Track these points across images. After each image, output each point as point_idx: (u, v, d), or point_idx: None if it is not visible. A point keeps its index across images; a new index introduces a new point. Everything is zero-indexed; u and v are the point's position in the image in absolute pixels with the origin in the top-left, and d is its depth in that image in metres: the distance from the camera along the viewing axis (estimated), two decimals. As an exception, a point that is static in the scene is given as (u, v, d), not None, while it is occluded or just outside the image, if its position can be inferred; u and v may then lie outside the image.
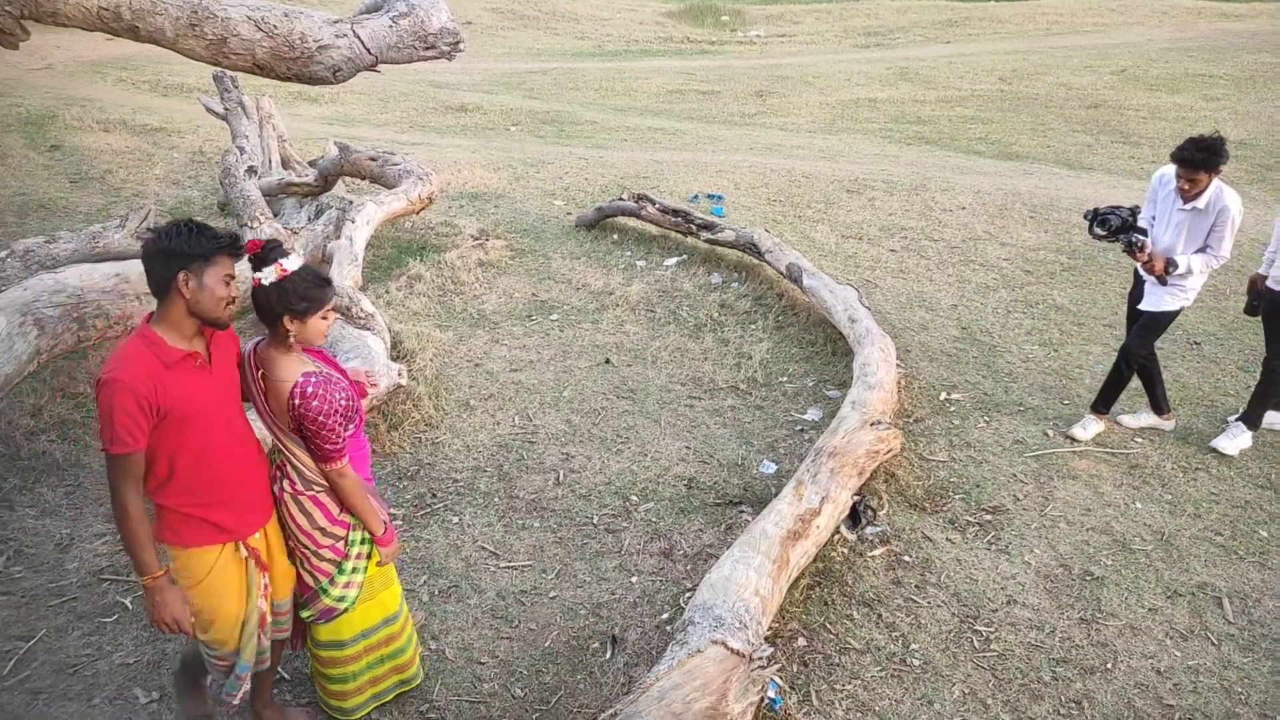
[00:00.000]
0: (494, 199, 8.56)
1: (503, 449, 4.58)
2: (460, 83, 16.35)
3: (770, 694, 2.97)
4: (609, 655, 3.29)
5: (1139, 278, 4.53)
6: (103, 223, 5.67)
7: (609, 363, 5.51)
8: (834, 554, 3.75)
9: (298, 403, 2.37)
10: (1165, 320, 4.43)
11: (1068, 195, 8.54)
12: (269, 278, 2.36)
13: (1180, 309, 4.40)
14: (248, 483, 2.49)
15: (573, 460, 4.49)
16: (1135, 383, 4.73)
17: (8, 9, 3.72)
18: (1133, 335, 4.55)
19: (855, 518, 3.91)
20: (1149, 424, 4.73)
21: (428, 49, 4.65)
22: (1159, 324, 4.45)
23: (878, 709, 3.06)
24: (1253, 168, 9.95)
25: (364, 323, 4.74)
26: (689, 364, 5.50)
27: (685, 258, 7.02)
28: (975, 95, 14.29)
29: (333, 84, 4.60)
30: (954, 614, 3.49)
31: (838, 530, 3.82)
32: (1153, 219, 4.42)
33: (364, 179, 7.48)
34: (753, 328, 5.93)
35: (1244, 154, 10.37)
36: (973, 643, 3.35)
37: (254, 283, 2.39)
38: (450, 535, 3.94)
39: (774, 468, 4.42)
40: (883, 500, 4.10)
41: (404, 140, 10.98)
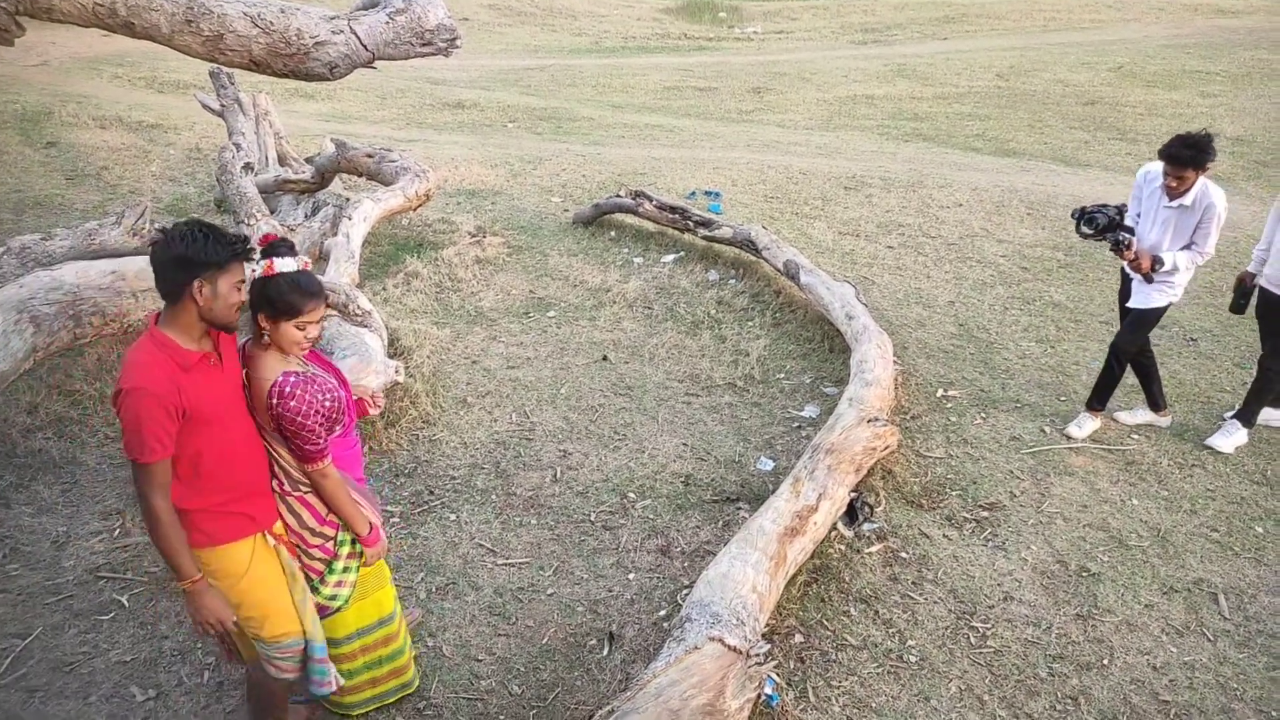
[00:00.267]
0: (491, 196, 8.54)
1: (500, 446, 4.58)
2: (457, 79, 16.31)
3: (767, 690, 2.98)
4: (606, 652, 3.30)
5: (1126, 276, 4.55)
6: (99, 220, 5.64)
7: (606, 360, 5.51)
8: (831, 551, 3.76)
9: (275, 402, 2.37)
10: (1154, 317, 4.45)
11: (1065, 192, 8.54)
12: (257, 271, 2.37)
13: (1168, 305, 4.41)
14: (264, 474, 2.51)
15: (570, 457, 4.50)
16: (1131, 379, 4.74)
17: (3, 5, 3.71)
18: (1121, 332, 4.56)
19: (852, 514, 3.92)
20: (1145, 421, 4.74)
21: (424, 45, 4.64)
22: (1147, 321, 4.46)
23: (874, 705, 3.06)
24: (1249, 164, 9.96)
25: (361, 320, 4.74)
26: (686, 361, 5.50)
27: (682, 255, 7.02)
28: (972, 92, 14.28)
29: (329, 80, 4.60)
30: (951, 610, 3.49)
31: (835, 527, 3.83)
32: (1137, 216, 4.43)
33: (361, 176, 7.47)
34: (750, 325, 5.93)
35: (1241, 150, 10.38)
36: (969, 639, 3.36)
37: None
38: (447, 532, 3.94)
39: (771, 464, 4.43)
40: (880, 497, 4.11)
41: (401, 137, 10.95)
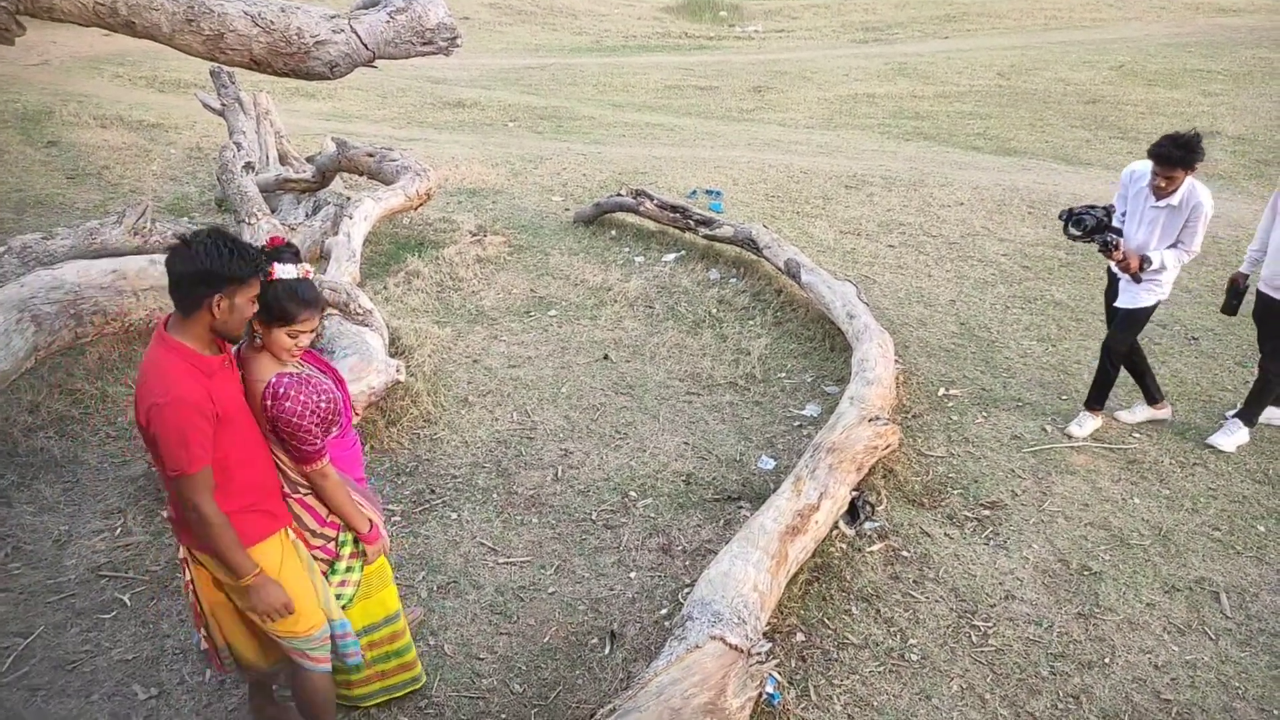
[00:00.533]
0: (492, 195, 8.54)
1: (501, 445, 4.58)
2: (458, 78, 16.30)
3: (769, 689, 2.98)
4: (608, 651, 3.30)
5: (1112, 275, 4.55)
6: (100, 219, 5.65)
7: (607, 359, 5.51)
8: (832, 549, 3.75)
9: (269, 404, 2.37)
10: (1143, 316, 4.45)
11: (1066, 191, 8.53)
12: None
13: (1157, 303, 4.42)
14: (275, 473, 2.52)
15: (571, 456, 4.50)
16: (1126, 377, 4.74)
17: (4, 4, 3.72)
18: (1112, 332, 4.57)
19: (854, 513, 3.92)
20: (1146, 417, 4.74)
21: (425, 44, 4.64)
22: (1137, 320, 4.46)
23: (876, 704, 3.06)
24: (1251, 163, 9.95)
25: (362, 319, 4.74)
26: (687, 360, 5.50)
27: (683, 253, 7.02)
28: (973, 91, 14.27)
29: (330, 79, 4.60)
30: (952, 609, 3.49)
31: (836, 526, 3.83)
32: (1123, 216, 4.43)
33: (362, 175, 7.47)
34: (751, 323, 5.92)
35: (1242, 149, 10.37)
36: (971, 638, 3.36)
37: None
38: (449, 531, 3.94)
39: (772, 463, 4.43)
40: (881, 496, 4.10)
41: (402, 136, 10.95)
